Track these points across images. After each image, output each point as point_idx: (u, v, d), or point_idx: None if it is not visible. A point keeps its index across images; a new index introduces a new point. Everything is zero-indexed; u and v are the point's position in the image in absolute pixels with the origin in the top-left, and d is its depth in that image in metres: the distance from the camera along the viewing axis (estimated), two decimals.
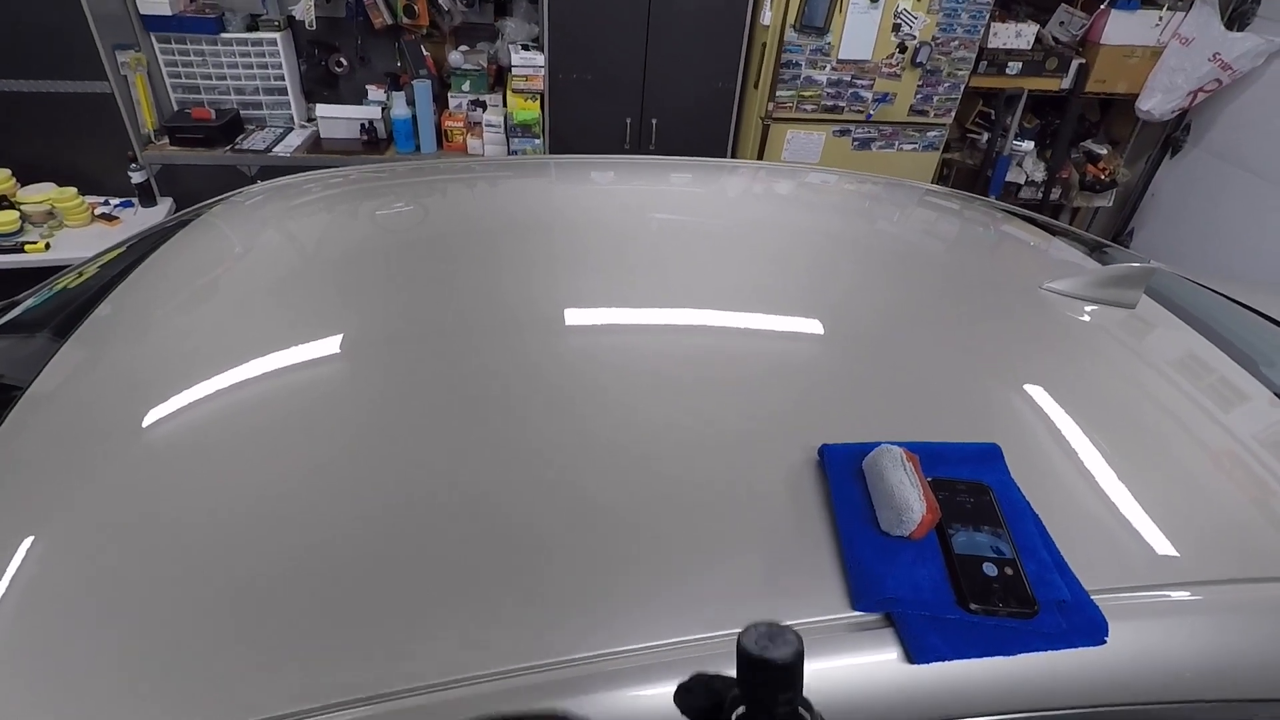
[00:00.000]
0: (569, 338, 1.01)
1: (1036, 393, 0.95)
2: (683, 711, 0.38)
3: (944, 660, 0.59)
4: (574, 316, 1.04)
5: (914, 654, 0.59)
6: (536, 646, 0.60)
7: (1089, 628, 0.62)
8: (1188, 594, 0.69)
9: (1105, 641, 0.62)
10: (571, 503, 0.73)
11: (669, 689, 0.42)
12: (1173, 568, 0.72)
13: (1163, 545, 0.74)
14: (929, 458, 0.74)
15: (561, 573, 0.67)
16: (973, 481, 0.73)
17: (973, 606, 0.62)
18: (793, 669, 0.35)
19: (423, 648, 0.61)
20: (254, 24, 3.28)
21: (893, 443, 0.74)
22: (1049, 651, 0.62)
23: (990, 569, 0.65)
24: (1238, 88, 3.38)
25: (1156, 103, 3.47)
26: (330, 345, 0.96)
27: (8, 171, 3.03)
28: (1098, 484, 0.81)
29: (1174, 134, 3.73)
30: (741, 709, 0.36)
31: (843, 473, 0.72)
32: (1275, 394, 1.04)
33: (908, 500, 0.65)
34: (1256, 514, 0.81)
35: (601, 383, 0.91)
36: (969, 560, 0.65)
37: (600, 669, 0.58)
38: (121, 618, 0.63)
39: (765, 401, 0.87)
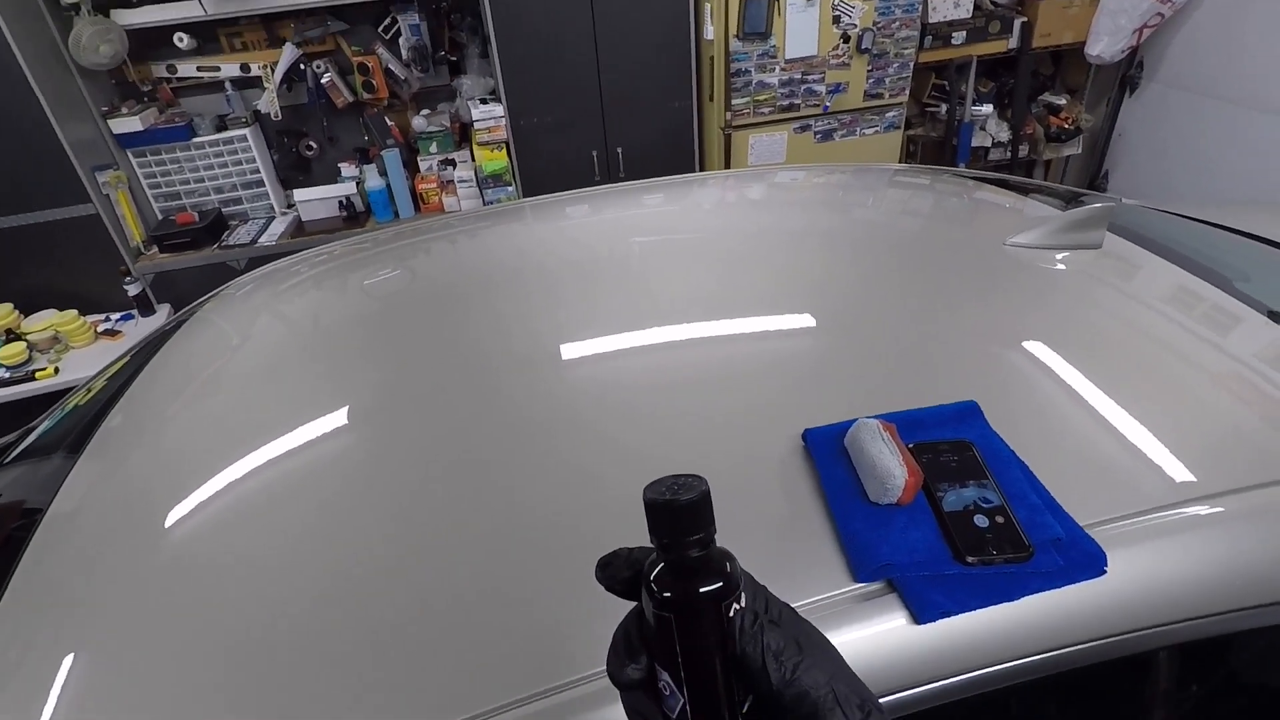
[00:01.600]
0: (563, 371, 1.03)
1: (1012, 345, 0.98)
2: (606, 586, 0.37)
3: (949, 615, 0.61)
4: (568, 350, 1.06)
5: (918, 614, 0.61)
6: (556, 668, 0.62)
7: (1087, 561, 0.64)
8: (1180, 512, 0.71)
9: (1105, 572, 0.64)
10: (575, 523, 0.76)
11: None
12: (1165, 489, 0.74)
13: (1152, 469, 0.76)
14: (907, 424, 0.76)
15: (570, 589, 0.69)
16: (955, 440, 0.75)
17: (969, 559, 0.64)
18: (699, 509, 0.35)
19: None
20: (223, 124, 3.39)
21: (870, 416, 0.76)
22: (1052, 590, 0.63)
23: (981, 520, 0.67)
24: (1181, 17, 3.43)
25: (1104, 46, 3.51)
26: (339, 420, 0.97)
27: (10, 305, 3.12)
28: (1082, 421, 0.83)
29: (1128, 73, 3.76)
30: (657, 559, 0.35)
31: (827, 453, 0.75)
32: (1248, 307, 1.05)
33: (889, 468, 0.68)
34: (1238, 423, 0.83)
35: (597, 410, 0.93)
36: (959, 515, 0.67)
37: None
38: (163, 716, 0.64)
39: (751, 398, 0.90)
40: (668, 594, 0.34)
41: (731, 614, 0.35)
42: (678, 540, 0.35)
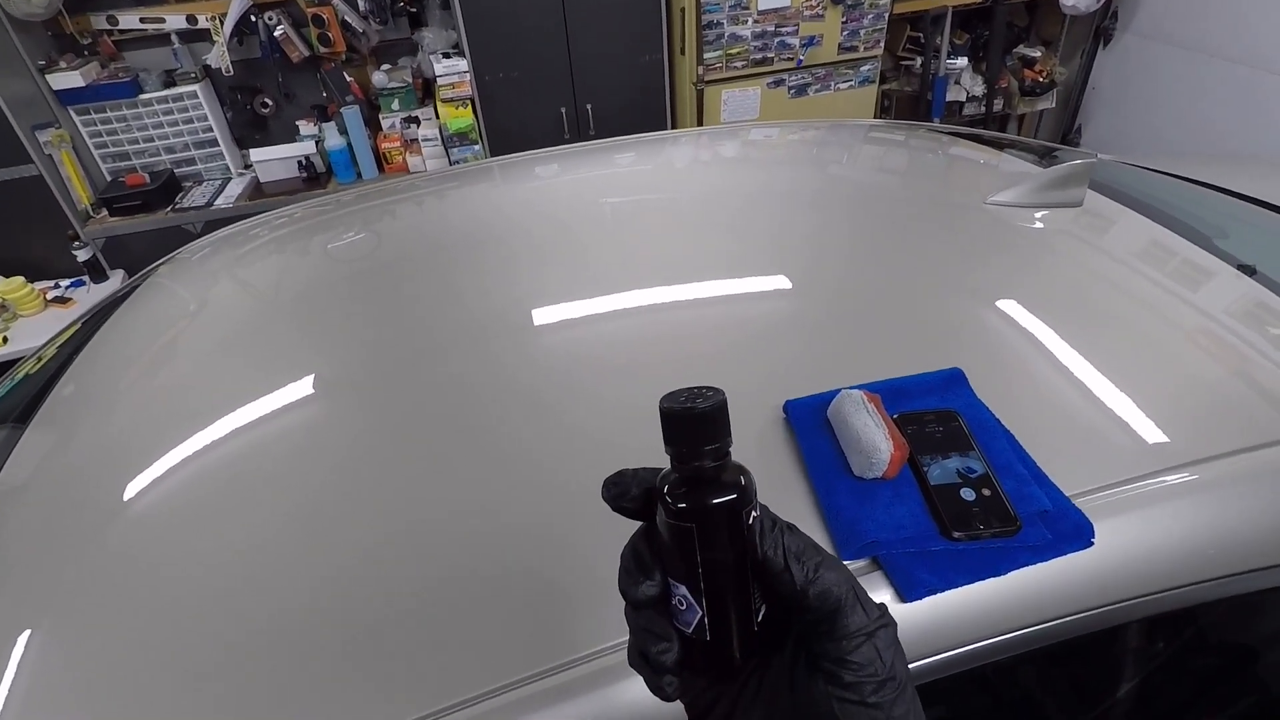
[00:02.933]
0: (536, 337, 1.01)
1: (995, 308, 0.95)
2: (614, 507, 0.36)
3: (935, 593, 0.60)
4: (540, 316, 1.03)
5: (904, 592, 0.60)
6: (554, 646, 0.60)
7: (1074, 533, 0.63)
8: (1168, 479, 0.70)
9: (1092, 543, 0.63)
10: (555, 492, 0.74)
11: None
12: (1154, 455, 0.72)
13: (1141, 435, 0.75)
14: (892, 394, 0.74)
15: (558, 565, 0.67)
16: (940, 410, 0.73)
17: (955, 534, 0.62)
18: (716, 418, 0.34)
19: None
20: (171, 80, 3.22)
21: (854, 386, 0.74)
22: (1039, 564, 0.62)
23: (968, 494, 0.65)
24: None
25: None
26: (303, 389, 0.94)
27: None
28: (1068, 387, 0.81)
29: (1103, 24, 3.73)
30: (672, 471, 0.35)
31: (809, 425, 0.72)
32: (1231, 265, 1.04)
33: (874, 441, 0.65)
34: (1224, 387, 0.82)
35: (571, 376, 0.91)
36: (945, 489, 0.65)
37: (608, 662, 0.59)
38: (125, 696, 0.63)
39: (727, 366, 0.87)
40: (684, 505, 0.34)
41: (750, 521, 0.35)
42: (695, 450, 0.34)
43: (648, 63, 3.30)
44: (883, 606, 0.35)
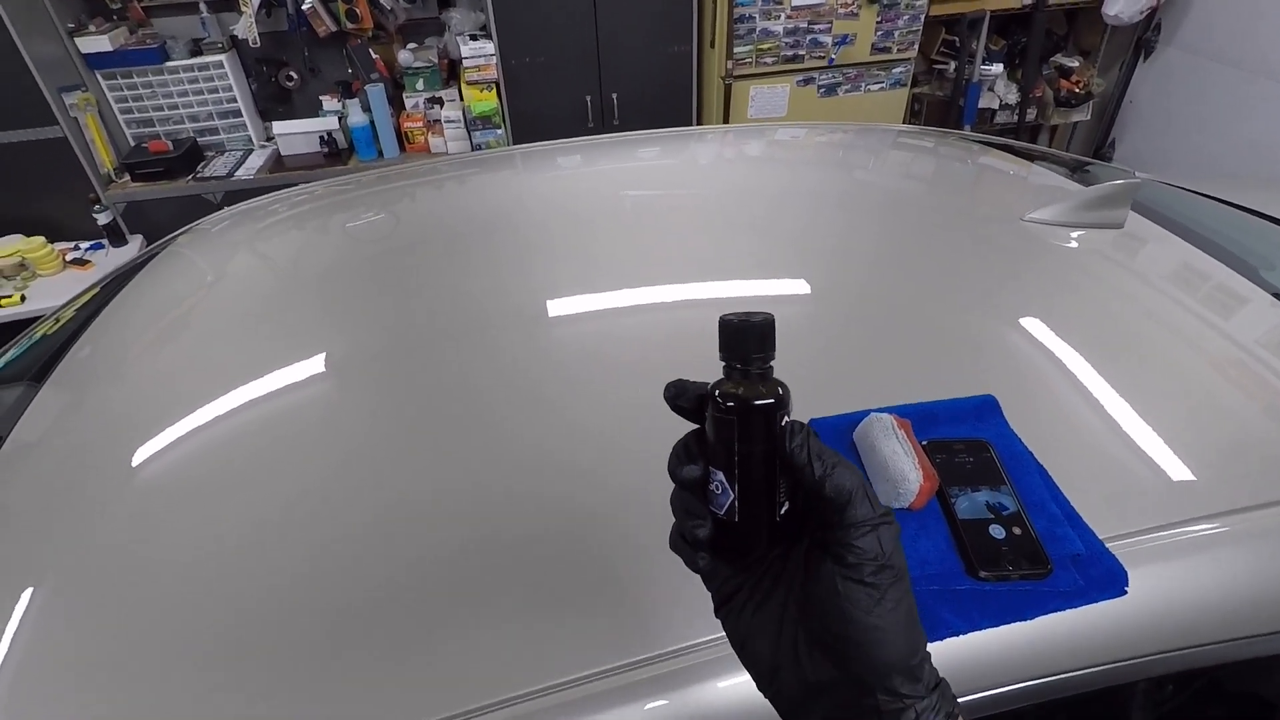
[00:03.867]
0: (550, 330, 0.99)
1: (1030, 333, 0.92)
2: (672, 406, 0.42)
3: (958, 634, 0.57)
4: (555, 308, 1.02)
5: (925, 631, 0.57)
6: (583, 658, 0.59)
7: (1107, 580, 0.60)
8: (1210, 527, 0.66)
9: (1126, 592, 0.60)
10: (555, 486, 0.73)
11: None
12: (1194, 500, 0.69)
13: (1182, 477, 0.72)
14: (921, 419, 0.71)
15: (567, 578, 0.65)
16: (971, 439, 0.70)
17: (982, 574, 0.59)
18: (765, 332, 0.41)
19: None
20: (197, 49, 3.21)
21: (883, 409, 0.71)
22: (1068, 610, 0.59)
23: (997, 531, 0.62)
24: None
25: (1123, 6, 3.38)
26: (315, 365, 0.94)
27: None
28: (1105, 421, 0.78)
29: (1145, 36, 3.64)
30: (725, 377, 0.41)
31: (833, 447, 0.69)
32: (1277, 297, 1.00)
33: (902, 471, 0.62)
34: (1273, 431, 0.78)
35: (582, 371, 0.90)
36: (974, 524, 0.62)
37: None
38: (125, 660, 0.63)
39: None
40: (731, 402, 0.40)
41: (783, 424, 0.40)
42: (745, 357, 0.40)
43: (676, 54, 3.26)
44: (891, 510, 0.41)
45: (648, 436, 0.50)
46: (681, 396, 0.42)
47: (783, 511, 0.42)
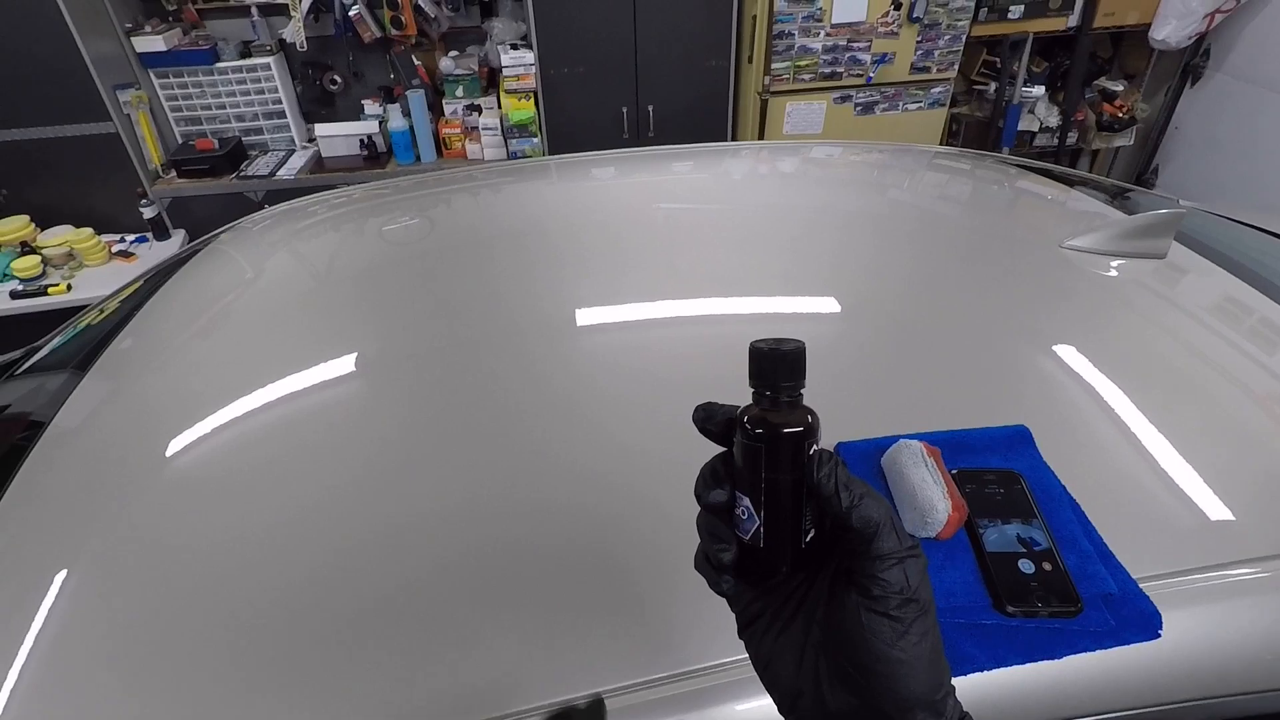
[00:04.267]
0: (583, 340, 1.00)
1: (1065, 363, 0.90)
2: (701, 429, 0.43)
3: (982, 670, 0.56)
4: (583, 317, 1.03)
5: (949, 665, 0.56)
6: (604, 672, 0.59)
7: (1140, 621, 0.58)
8: (1251, 571, 0.64)
9: (1159, 635, 0.58)
10: (578, 496, 0.74)
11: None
12: (1233, 543, 0.67)
13: (1220, 519, 0.70)
14: (952, 448, 0.70)
15: (589, 591, 0.65)
16: (1002, 470, 0.69)
17: (1010, 609, 0.58)
18: (796, 361, 0.40)
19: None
20: (247, 51, 3.29)
21: (912, 435, 0.70)
22: (1098, 651, 0.58)
23: (1027, 565, 0.61)
24: (1258, 3, 3.23)
25: (1171, 30, 3.32)
26: (346, 365, 0.96)
27: (26, 217, 3.09)
28: (1142, 457, 0.76)
29: (1193, 61, 3.57)
30: (754, 403, 0.41)
31: (861, 472, 0.69)
32: None
33: (931, 500, 0.61)
34: None
35: (613, 386, 0.89)
36: (1003, 558, 0.61)
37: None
38: (153, 646, 0.64)
39: None
40: (760, 430, 0.40)
41: (811, 452, 0.40)
42: (775, 385, 0.40)
43: (714, 68, 3.27)
44: (918, 542, 0.40)
45: (676, 451, 0.50)
46: (710, 420, 0.42)
47: (808, 539, 0.42)
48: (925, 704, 0.38)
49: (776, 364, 0.40)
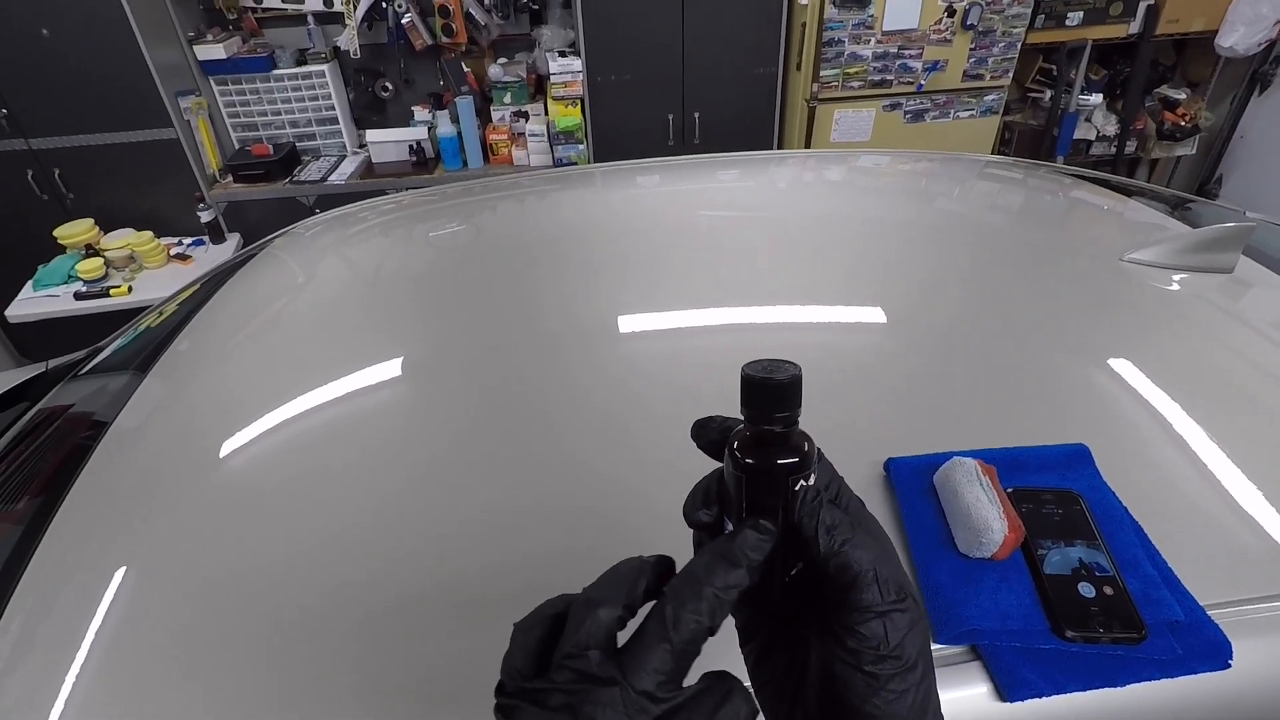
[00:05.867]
0: (627, 349, 1.00)
1: (1127, 380, 0.87)
2: (698, 444, 0.42)
3: (1041, 696, 0.54)
4: (626, 324, 1.02)
5: (1005, 691, 0.54)
6: None
7: (1208, 650, 0.56)
8: None
9: (1230, 665, 0.56)
10: (609, 508, 0.73)
11: None
12: None
13: None
14: (1007, 465, 0.68)
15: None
16: (1060, 489, 0.67)
17: (1069, 634, 0.56)
18: (788, 391, 0.38)
19: None
20: (302, 59, 3.39)
21: (966, 452, 0.68)
22: (1162, 680, 0.55)
23: (1087, 589, 0.59)
24: None
25: (1239, 37, 3.21)
26: (395, 369, 0.97)
27: (91, 221, 3.21)
28: (1208, 479, 0.73)
29: (1261, 69, 3.44)
30: (744, 429, 0.39)
31: (912, 489, 0.67)
32: None
33: (986, 520, 0.60)
34: None
35: (653, 395, 0.89)
36: (1061, 580, 0.59)
37: None
38: (208, 647, 0.65)
39: (826, 410, 0.83)
40: (748, 459, 0.38)
41: (797, 488, 0.38)
42: (765, 415, 0.38)
43: (761, 75, 3.25)
44: (910, 592, 0.38)
45: (712, 465, 0.49)
46: (706, 440, 0.42)
47: (793, 573, 0.40)
48: None
49: (767, 394, 0.38)
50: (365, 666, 0.62)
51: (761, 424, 0.38)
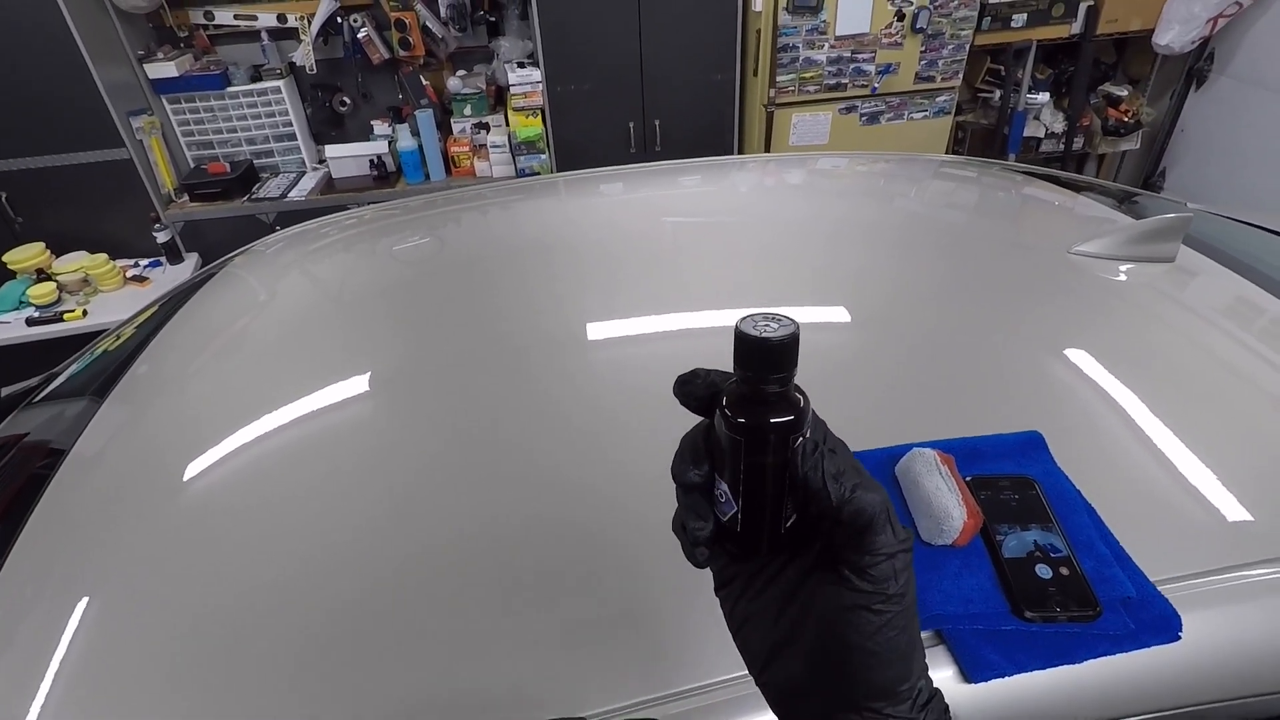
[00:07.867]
0: (593, 356, 1.01)
1: (1077, 368, 0.91)
2: (682, 402, 0.40)
3: (1003, 676, 0.56)
4: (593, 331, 1.04)
5: (969, 672, 0.56)
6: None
7: (1159, 624, 0.59)
8: (1271, 571, 0.64)
9: (1179, 637, 0.58)
10: (583, 517, 0.74)
11: None
12: (1252, 543, 0.67)
13: (1238, 519, 0.70)
14: (965, 455, 0.70)
15: (594, 609, 0.65)
16: (1016, 476, 0.69)
17: (1028, 614, 0.58)
18: (786, 349, 0.36)
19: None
20: (257, 75, 3.34)
21: (926, 443, 0.70)
22: (1118, 655, 0.58)
23: (1044, 571, 0.61)
24: (1260, 7, 3.24)
25: (1175, 35, 3.33)
26: (360, 386, 0.97)
27: (41, 244, 3.12)
28: (1157, 460, 0.76)
29: (1197, 65, 3.58)
30: (736, 387, 0.38)
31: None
32: None
33: (946, 507, 0.62)
34: None
35: (621, 402, 0.89)
36: (1019, 563, 0.62)
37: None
38: (174, 675, 0.64)
39: None
40: (740, 420, 0.37)
41: (796, 445, 0.37)
42: (761, 375, 0.36)
43: (719, 82, 3.29)
44: (909, 535, 0.39)
45: (657, 471, 0.49)
46: (691, 397, 0.40)
47: (789, 524, 0.40)
48: (886, 694, 0.38)
49: (763, 353, 0.36)
50: (331, 688, 0.62)
51: (756, 385, 0.37)
